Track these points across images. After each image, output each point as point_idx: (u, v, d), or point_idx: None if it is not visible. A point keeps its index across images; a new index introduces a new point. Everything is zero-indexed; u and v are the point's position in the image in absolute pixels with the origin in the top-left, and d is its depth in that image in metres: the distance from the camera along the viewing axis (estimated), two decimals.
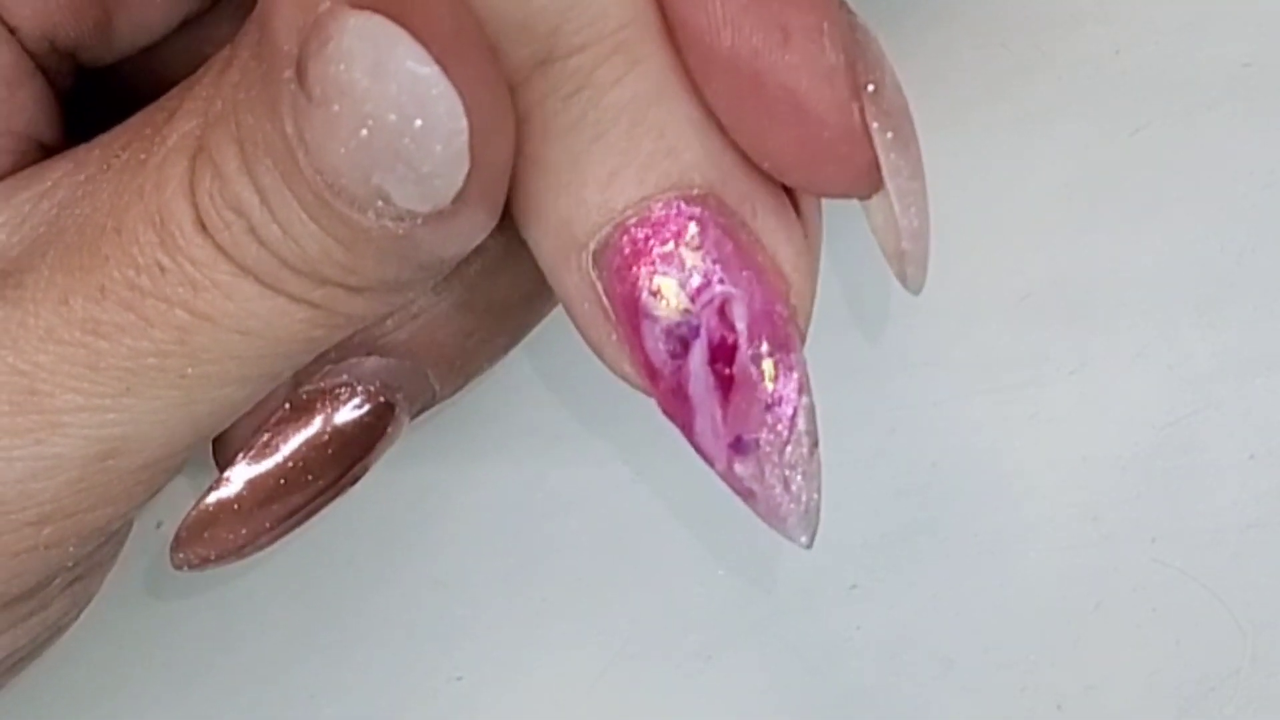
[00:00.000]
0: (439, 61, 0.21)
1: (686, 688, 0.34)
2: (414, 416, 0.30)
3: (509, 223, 0.27)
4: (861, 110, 0.24)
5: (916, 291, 0.26)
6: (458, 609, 0.34)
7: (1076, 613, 0.34)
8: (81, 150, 0.26)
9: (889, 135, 0.24)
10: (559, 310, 0.26)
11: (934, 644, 0.34)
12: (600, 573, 0.34)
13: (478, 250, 0.27)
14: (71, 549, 0.26)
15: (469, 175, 0.22)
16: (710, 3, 0.23)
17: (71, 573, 0.27)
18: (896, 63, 0.25)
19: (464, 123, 0.22)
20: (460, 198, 0.22)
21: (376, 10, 0.21)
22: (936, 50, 0.37)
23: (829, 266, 0.29)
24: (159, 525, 0.34)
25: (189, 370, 0.24)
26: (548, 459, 0.35)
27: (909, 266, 0.26)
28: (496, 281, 0.29)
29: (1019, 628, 0.34)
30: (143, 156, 0.24)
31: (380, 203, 0.22)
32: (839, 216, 0.27)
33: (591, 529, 0.35)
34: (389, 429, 0.30)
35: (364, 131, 0.22)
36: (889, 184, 0.25)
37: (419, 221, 0.23)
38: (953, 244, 0.34)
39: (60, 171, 0.25)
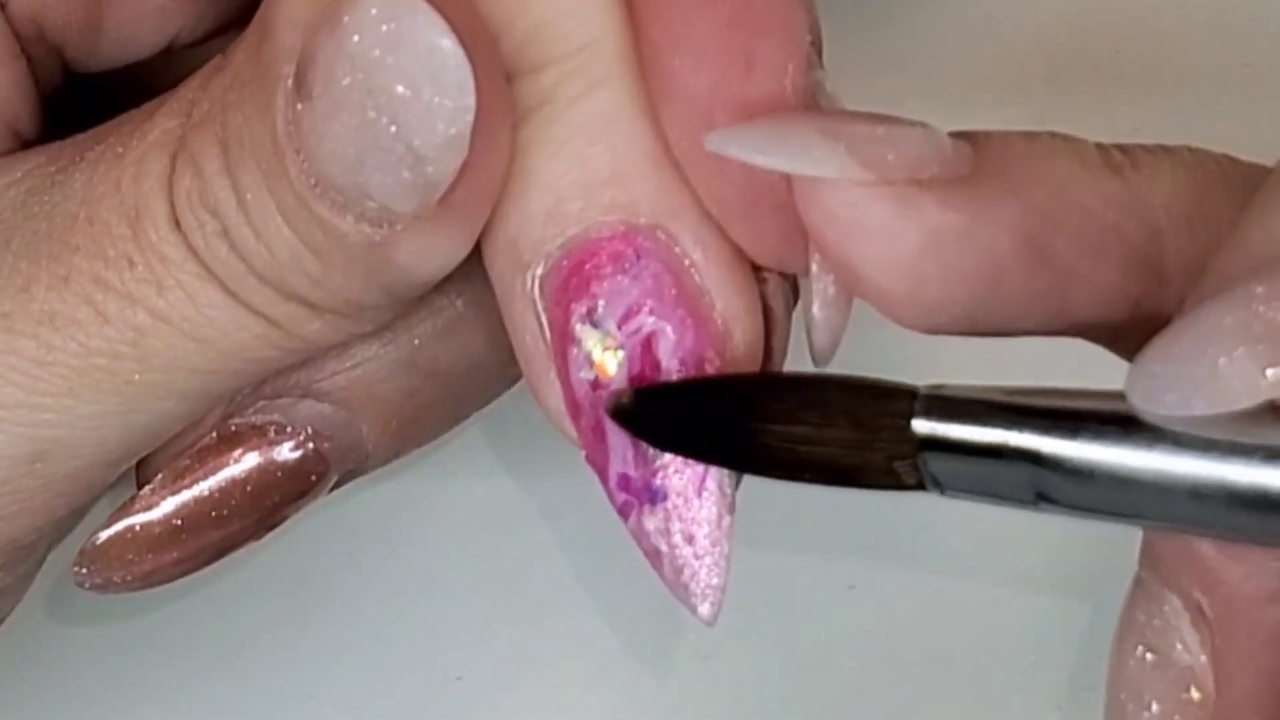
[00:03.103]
0: (459, 38, 0.21)
1: (686, 688, 0.34)
2: (341, 478, 0.29)
3: (468, 285, 0.27)
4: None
5: (823, 363, 0.25)
6: (458, 609, 0.34)
7: (1076, 613, 0.34)
8: (55, 145, 0.26)
9: None
10: None
11: (934, 644, 0.34)
12: (600, 573, 0.34)
13: (432, 310, 0.27)
14: None
15: (461, 172, 0.22)
16: (679, 21, 0.23)
17: None
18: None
19: (472, 100, 0.21)
20: (446, 201, 0.22)
21: None
22: (936, 51, 0.37)
23: None
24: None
25: (136, 376, 0.24)
26: (548, 459, 0.35)
27: (816, 333, 0.25)
28: (445, 345, 0.28)
29: (1019, 628, 0.34)
30: (120, 150, 0.24)
31: (363, 203, 0.22)
32: None
33: (591, 529, 0.35)
34: (314, 479, 0.28)
35: (370, 111, 0.22)
36: (815, 289, 0.24)
37: (398, 227, 0.22)
38: None
39: (32, 163, 0.25)
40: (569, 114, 0.24)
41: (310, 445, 0.28)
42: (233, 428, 0.28)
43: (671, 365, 0.24)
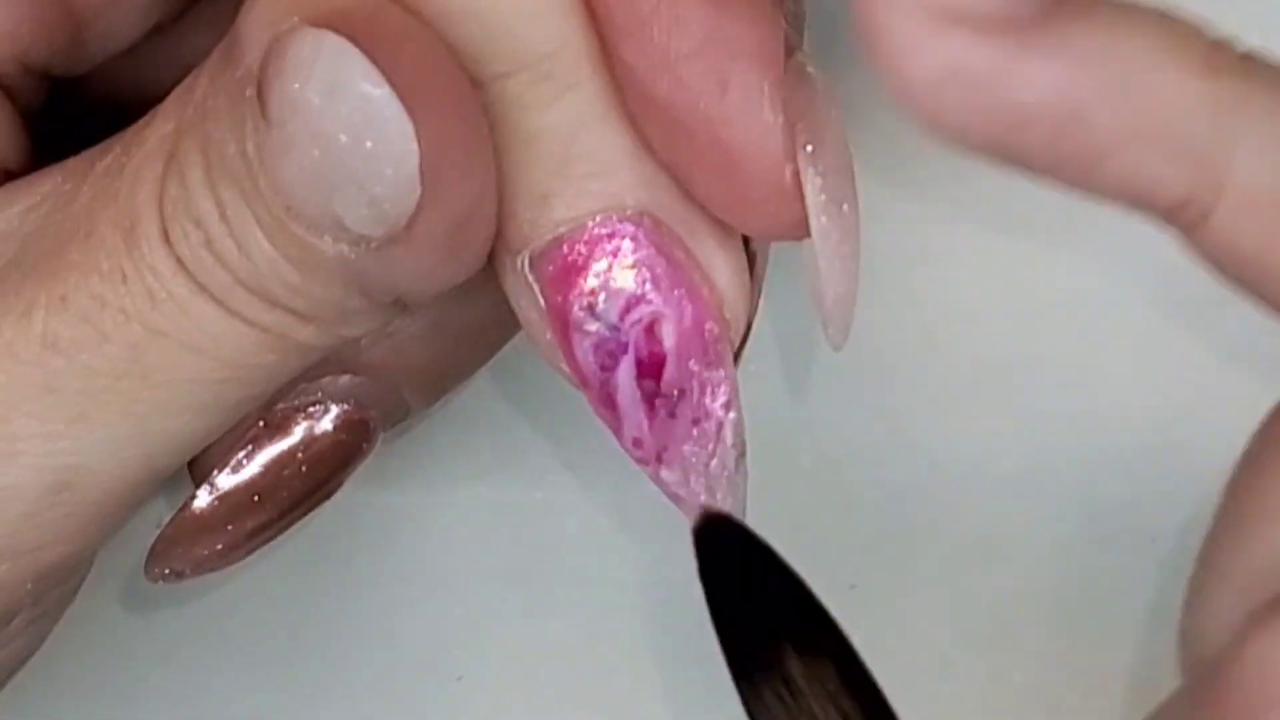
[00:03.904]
0: (394, 84, 0.21)
1: (686, 688, 0.34)
2: (387, 431, 0.30)
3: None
4: (795, 172, 0.24)
5: (836, 348, 0.26)
6: (458, 609, 0.34)
7: (1076, 613, 0.34)
8: (72, 161, 0.25)
9: (822, 198, 0.24)
10: None
11: (934, 644, 0.34)
12: (600, 573, 0.34)
13: None
14: (29, 586, 0.25)
15: (421, 201, 0.22)
16: (651, 46, 0.23)
17: (32, 610, 0.26)
18: None
19: (414, 146, 0.22)
20: (413, 224, 0.22)
21: (335, 29, 0.21)
22: None
23: None
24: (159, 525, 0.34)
25: (142, 394, 0.24)
26: (547, 458, 0.35)
27: (830, 326, 0.26)
28: (471, 306, 0.28)
29: (1019, 628, 0.34)
30: (123, 160, 0.24)
31: (334, 227, 0.22)
32: None
33: (591, 528, 0.35)
34: (362, 446, 0.30)
35: (315, 151, 0.22)
36: (817, 246, 0.25)
37: (372, 246, 0.23)
38: (953, 243, 0.34)
39: (49, 184, 0.25)
40: (546, 117, 0.24)
41: (355, 416, 0.30)
42: (278, 413, 0.29)
43: (673, 343, 0.25)
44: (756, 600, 0.25)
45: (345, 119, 0.21)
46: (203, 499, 0.29)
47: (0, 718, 0.31)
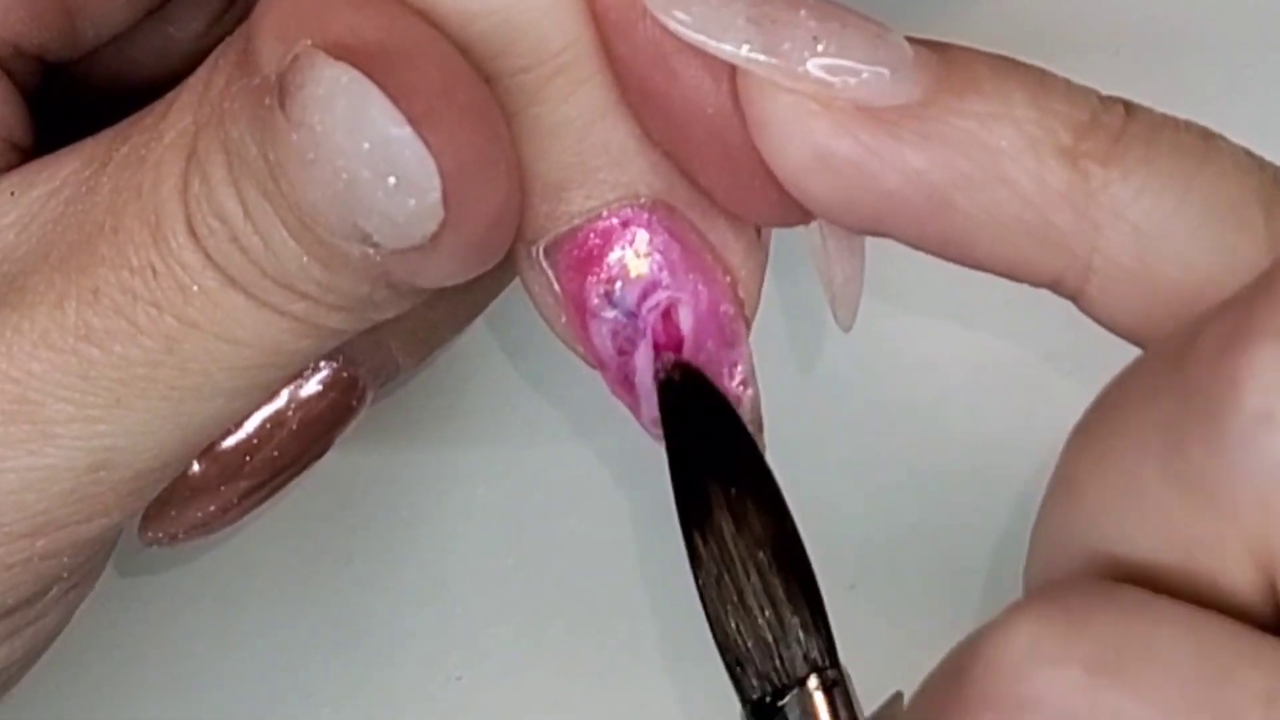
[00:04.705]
0: (414, 121, 0.21)
1: (686, 688, 0.34)
2: (377, 390, 0.31)
3: None
4: None
5: (846, 329, 0.27)
6: (458, 609, 0.34)
7: None
8: (89, 144, 0.26)
9: None
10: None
11: (934, 644, 0.34)
12: (600, 573, 0.34)
13: None
14: (66, 559, 0.26)
15: (445, 220, 0.22)
16: (645, 40, 0.24)
17: (66, 582, 0.27)
18: None
19: (437, 181, 0.22)
20: (437, 238, 0.22)
21: (354, 63, 0.21)
22: None
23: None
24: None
25: (178, 381, 0.24)
26: (548, 459, 0.35)
27: (839, 308, 0.27)
28: None
29: None
30: (143, 153, 0.24)
31: (359, 237, 0.23)
32: None
33: (591, 529, 0.35)
34: (352, 404, 0.30)
35: (339, 183, 0.22)
36: (824, 228, 0.26)
37: (397, 254, 0.23)
38: None
39: (69, 169, 0.25)
40: (562, 110, 0.24)
41: (345, 374, 0.30)
42: None
43: (690, 326, 0.25)
44: (706, 453, 0.25)
45: (367, 156, 0.22)
46: (194, 463, 0.29)
47: None
